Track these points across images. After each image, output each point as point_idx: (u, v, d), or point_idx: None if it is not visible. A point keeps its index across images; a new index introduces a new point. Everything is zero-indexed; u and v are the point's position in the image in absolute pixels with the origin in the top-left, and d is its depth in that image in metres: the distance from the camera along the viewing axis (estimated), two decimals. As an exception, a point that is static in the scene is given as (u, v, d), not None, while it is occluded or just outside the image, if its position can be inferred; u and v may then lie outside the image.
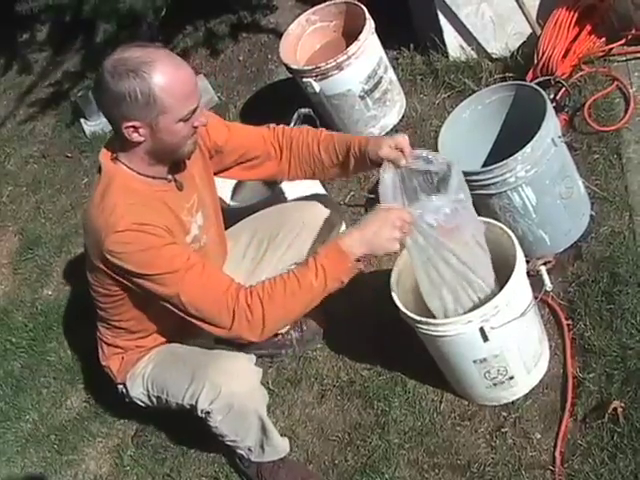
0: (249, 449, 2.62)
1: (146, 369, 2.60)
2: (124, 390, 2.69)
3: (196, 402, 2.43)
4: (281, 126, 2.69)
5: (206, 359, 2.46)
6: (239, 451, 2.65)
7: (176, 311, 2.31)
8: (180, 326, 2.52)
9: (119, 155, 2.31)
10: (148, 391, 2.60)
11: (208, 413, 2.44)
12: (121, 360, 2.65)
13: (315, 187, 3.22)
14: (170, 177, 2.40)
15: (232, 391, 2.40)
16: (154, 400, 2.61)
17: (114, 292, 2.44)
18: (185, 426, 2.63)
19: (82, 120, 4.71)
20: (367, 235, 2.23)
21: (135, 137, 2.22)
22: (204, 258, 2.39)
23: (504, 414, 2.59)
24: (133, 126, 2.20)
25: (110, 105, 2.20)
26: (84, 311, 3.71)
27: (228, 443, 2.59)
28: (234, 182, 3.37)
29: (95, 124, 4.64)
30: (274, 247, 2.82)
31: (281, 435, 2.71)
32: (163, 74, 2.14)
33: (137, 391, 2.63)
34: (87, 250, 2.42)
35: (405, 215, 2.22)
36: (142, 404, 2.68)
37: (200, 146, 2.49)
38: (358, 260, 2.26)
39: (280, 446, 2.68)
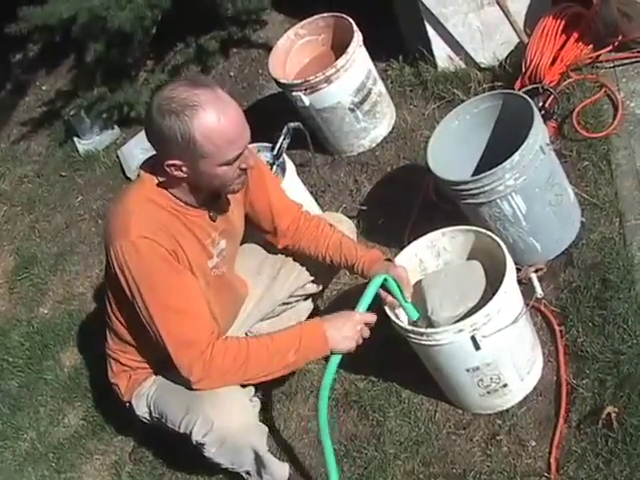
0: (247, 473, 2.62)
1: (150, 390, 2.60)
2: (132, 408, 2.69)
3: (190, 432, 2.42)
4: (305, 211, 2.74)
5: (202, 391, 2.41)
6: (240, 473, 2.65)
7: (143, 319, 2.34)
8: None
9: (159, 176, 2.32)
10: (150, 412, 2.61)
11: (202, 444, 2.42)
12: (129, 378, 2.65)
13: (310, 204, 3.25)
14: (205, 207, 2.40)
15: (224, 426, 2.37)
16: (156, 420, 2.62)
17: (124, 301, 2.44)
18: (183, 442, 2.62)
19: (75, 139, 4.73)
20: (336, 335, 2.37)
21: (177, 174, 2.24)
22: (223, 287, 2.51)
23: (499, 422, 2.59)
24: (174, 164, 2.22)
25: (154, 140, 2.24)
26: (80, 329, 3.75)
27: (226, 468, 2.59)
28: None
29: (88, 142, 4.66)
30: (288, 268, 2.83)
31: (280, 457, 2.72)
32: (205, 120, 2.13)
33: (142, 410, 2.64)
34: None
35: (367, 317, 2.39)
36: (147, 422, 2.69)
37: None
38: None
39: (277, 474, 2.65)
